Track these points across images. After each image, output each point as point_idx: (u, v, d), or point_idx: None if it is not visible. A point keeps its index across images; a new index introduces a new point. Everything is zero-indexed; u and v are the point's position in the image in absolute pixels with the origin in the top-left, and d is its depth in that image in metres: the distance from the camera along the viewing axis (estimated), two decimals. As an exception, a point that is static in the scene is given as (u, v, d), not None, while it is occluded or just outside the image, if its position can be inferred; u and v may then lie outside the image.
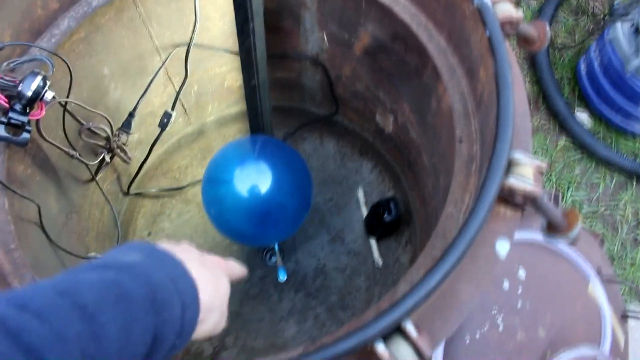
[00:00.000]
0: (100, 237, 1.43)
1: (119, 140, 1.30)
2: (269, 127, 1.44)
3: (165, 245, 0.62)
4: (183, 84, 1.36)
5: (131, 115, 1.34)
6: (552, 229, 0.86)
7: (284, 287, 1.60)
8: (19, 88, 0.94)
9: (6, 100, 0.95)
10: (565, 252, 1.36)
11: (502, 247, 0.81)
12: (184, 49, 1.34)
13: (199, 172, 1.72)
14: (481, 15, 0.87)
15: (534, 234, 1.35)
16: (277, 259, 1.61)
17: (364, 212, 1.64)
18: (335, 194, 1.68)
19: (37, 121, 1.03)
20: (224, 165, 1.33)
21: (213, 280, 0.62)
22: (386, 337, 0.69)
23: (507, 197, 0.79)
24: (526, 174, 0.78)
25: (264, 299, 1.58)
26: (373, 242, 1.59)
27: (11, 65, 0.99)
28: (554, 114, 2.08)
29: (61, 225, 1.22)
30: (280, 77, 1.54)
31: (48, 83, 0.97)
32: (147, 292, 0.48)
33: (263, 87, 1.35)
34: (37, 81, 0.95)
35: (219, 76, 1.52)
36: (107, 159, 1.30)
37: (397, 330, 0.70)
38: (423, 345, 0.68)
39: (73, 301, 0.43)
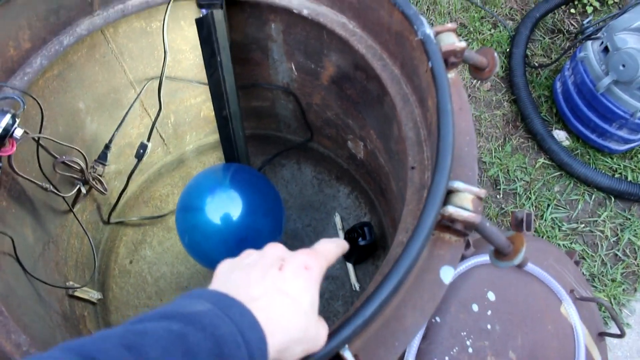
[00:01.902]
0: (79, 266, 1.47)
1: (94, 172, 1.34)
2: (244, 155, 1.47)
3: (238, 274, 0.60)
4: (157, 115, 1.40)
5: (107, 147, 1.38)
6: (498, 254, 0.89)
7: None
8: (-11, 126, 0.98)
9: (-24, 138, 1.00)
10: (536, 272, 1.38)
11: (446, 274, 0.83)
12: (157, 81, 1.38)
13: (180, 200, 1.76)
14: (424, 46, 0.91)
15: (476, 257, 1.37)
16: (257, 283, 1.63)
17: (341, 237, 1.67)
18: (313, 219, 1.72)
19: (9, 156, 1.07)
20: (195, 193, 1.37)
21: (291, 308, 0.58)
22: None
23: (449, 225, 0.82)
24: (465, 201, 0.81)
25: (244, 323, 1.60)
26: (350, 267, 1.62)
27: (-20, 103, 1.04)
28: (532, 133, 2.11)
29: (37, 255, 1.25)
30: (255, 105, 1.58)
31: (17, 121, 1.01)
32: (212, 346, 0.47)
33: (235, 117, 1.39)
34: (6, 119, 0.99)
35: (195, 107, 1.57)
36: (83, 190, 1.34)
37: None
38: (362, 372, 0.70)
39: (139, 356, 0.43)
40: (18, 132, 1.01)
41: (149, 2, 1.20)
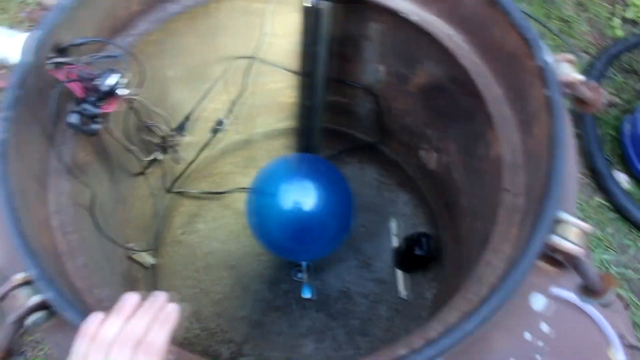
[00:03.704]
0: (139, 230, 1.49)
1: (172, 141, 1.36)
2: (318, 146, 1.48)
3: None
4: (241, 94, 1.41)
5: (187, 118, 1.39)
6: (587, 290, 0.88)
7: (306, 304, 1.63)
8: (96, 82, 0.99)
9: (82, 92, 1.01)
10: (589, 311, 1.37)
11: (537, 301, 0.83)
12: (245, 61, 1.39)
13: (240, 180, 1.76)
14: (543, 73, 0.90)
15: (561, 291, 1.36)
16: (304, 275, 1.64)
17: (394, 242, 1.66)
18: (368, 221, 1.72)
19: (107, 114, 1.09)
20: (273, 177, 1.38)
21: None
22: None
23: (549, 254, 0.82)
24: (570, 234, 0.80)
25: (286, 312, 1.62)
26: (400, 274, 1.61)
27: (91, 59, 1.05)
28: (592, 170, 2.08)
29: (108, 213, 1.27)
30: (332, 100, 1.58)
31: (124, 80, 1.02)
32: None
33: (317, 109, 1.39)
34: (114, 78, 1.01)
35: (273, 92, 1.57)
36: (160, 157, 1.35)
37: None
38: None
39: None
40: (123, 91, 1.02)
41: (258, -17, 1.21)
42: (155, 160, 1.37)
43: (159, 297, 0.70)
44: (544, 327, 1.35)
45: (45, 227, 0.95)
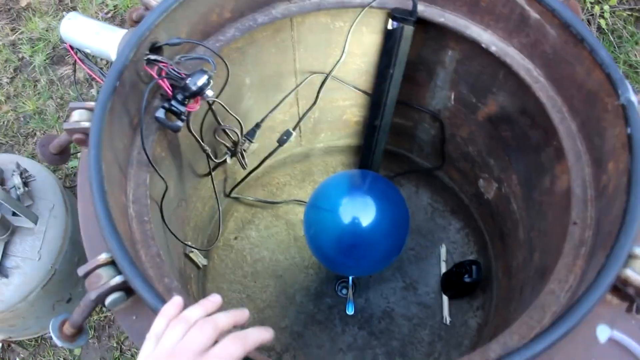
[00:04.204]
0: (197, 229, 1.53)
1: (242, 146, 1.40)
2: (377, 166, 1.51)
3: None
4: (310, 108, 1.45)
5: (257, 125, 1.43)
6: (652, 329, 0.88)
7: (349, 321, 1.64)
8: (187, 81, 1.04)
9: (171, 89, 1.06)
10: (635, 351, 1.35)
11: (603, 333, 0.83)
12: (318, 76, 1.43)
13: (295, 192, 1.80)
14: (625, 112, 0.91)
15: (624, 336, 1.34)
16: (348, 292, 1.66)
17: (443, 268, 1.67)
18: (418, 245, 1.73)
19: (190, 113, 1.14)
20: (332, 190, 1.41)
21: None
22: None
23: (619, 287, 0.82)
24: (642, 269, 0.81)
25: (328, 327, 1.63)
26: (445, 299, 1.62)
27: (181, 59, 1.10)
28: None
29: (172, 209, 1.31)
30: (397, 122, 1.61)
31: (211, 83, 1.07)
32: None
33: (383, 130, 1.42)
34: (204, 79, 1.05)
35: (340, 109, 1.61)
36: (229, 160, 1.40)
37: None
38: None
39: None
40: (209, 93, 1.07)
41: (344, 2, 1.25)
42: (224, 162, 1.41)
43: (240, 312, 0.72)
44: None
45: (124, 215, 0.99)
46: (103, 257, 0.84)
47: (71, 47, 1.16)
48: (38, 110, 2.16)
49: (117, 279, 0.82)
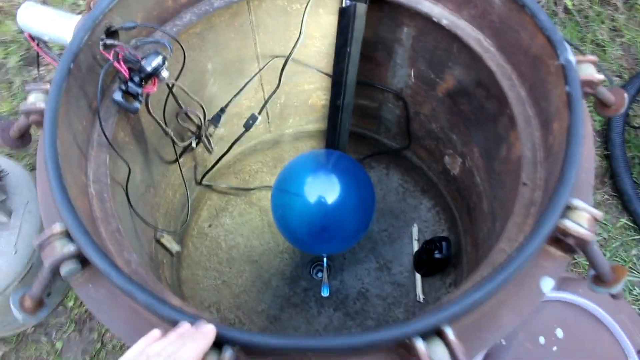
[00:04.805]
0: (168, 216, 1.54)
1: (207, 130, 1.42)
2: (344, 147, 1.53)
3: None
4: (274, 92, 1.47)
5: (222, 110, 1.46)
6: (597, 279, 0.90)
7: (324, 303, 1.66)
8: (142, 63, 1.06)
9: (127, 71, 1.08)
10: (607, 323, 1.37)
11: (546, 284, 0.86)
12: (281, 60, 1.45)
13: (267, 179, 1.82)
14: (564, 72, 0.94)
15: (580, 298, 1.37)
16: (323, 274, 1.68)
17: (415, 247, 1.69)
18: (390, 226, 1.75)
19: (147, 95, 1.16)
20: (298, 173, 1.43)
21: None
22: (426, 337, 0.75)
23: (560, 238, 0.84)
24: (581, 219, 0.83)
25: (304, 309, 1.65)
26: (418, 277, 1.64)
27: (138, 43, 1.13)
28: (619, 192, 2.08)
29: (139, 195, 1.33)
30: (362, 104, 1.63)
31: (166, 64, 1.09)
32: None
33: (346, 109, 1.44)
34: (158, 60, 1.07)
35: (306, 93, 1.63)
36: (194, 144, 1.42)
37: (438, 334, 0.76)
38: (459, 349, 0.73)
39: None
40: (164, 74, 1.09)
41: (298, -17, 1.28)
42: (189, 147, 1.43)
43: (203, 324, 0.74)
44: (559, 333, 1.37)
45: (84, 194, 1.01)
46: (57, 227, 0.85)
47: (30, 36, 1.18)
48: (13, 111, 2.18)
49: (70, 248, 0.84)
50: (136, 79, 1.08)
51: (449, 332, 0.75)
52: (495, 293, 0.77)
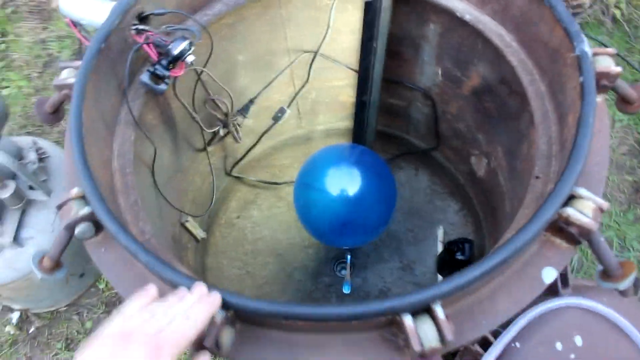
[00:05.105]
0: (195, 203, 1.59)
1: (235, 119, 1.46)
2: (370, 143, 1.54)
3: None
4: (303, 86, 1.51)
5: (251, 101, 1.50)
6: (605, 275, 0.88)
7: (345, 300, 1.67)
8: (169, 47, 1.11)
9: (157, 55, 1.14)
10: (632, 335, 1.33)
11: (548, 275, 0.84)
12: (311, 55, 1.49)
13: (297, 174, 1.85)
14: (579, 62, 0.93)
15: (603, 307, 1.33)
16: (346, 272, 1.69)
17: (439, 249, 1.68)
18: (416, 227, 1.75)
19: (175, 78, 1.21)
20: (319, 167, 1.45)
21: None
22: (416, 315, 0.75)
23: (564, 228, 0.83)
24: (586, 208, 0.82)
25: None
26: (440, 279, 1.63)
27: (168, 29, 1.18)
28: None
29: (167, 178, 1.38)
30: (392, 103, 1.65)
31: (192, 48, 1.14)
32: None
33: (372, 105, 1.46)
34: (184, 44, 1.12)
35: (336, 89, 1.66)
36: (222, 132, 1.46)
37: (428, 312, 0.76)
38: (447, 329, 0.73)
39: None
40: (190, 58, 1.14)
41: (327, -22, 1.31)
42: (217, 135, 1.47)
43: (204, 289, 0.76)
44: (578, 340, 1.34)
45: (107, 167, 1.07)
46: (75, 191, 0.91)
47: (71, 21, 1.26)
48: (63, 101, 2.31)
49: (85, 210, 0.88)
50: (164, 62, 1.13)
51: (439, 311, 0.75)
52: (488, 275, 0.76)
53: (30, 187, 1.63)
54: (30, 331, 1.87)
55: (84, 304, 1.92)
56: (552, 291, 1.36)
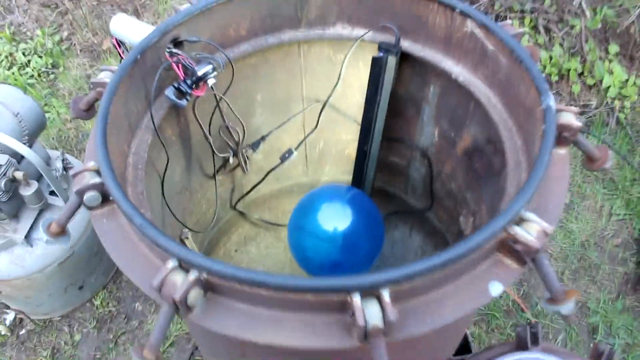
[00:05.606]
0: (197, 225, 1.70)
1: (245, 151, 1.61)
2: (369, 191, 1.66)
3: None
4: (311, 132, 1.65)
5: (263, 138, 1.65)
6: (550, 299, 0.96)
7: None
8: (195, 68, 1.28)
9: (183, 74, 1.30)
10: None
11: (495, 288, 0.92)
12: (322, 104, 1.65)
13: (298, 220, 1.96)
14: (544, 114, 1.06)
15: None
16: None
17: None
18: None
19: (196, 98, 1.36)
20: (313, 210, 1.58)
21: None
22: (365, 296, 0.84)
23: (512, 246, 0.92)
24: (532, 229, 0.91)
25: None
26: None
27: (197, 56, 1.35)
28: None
29: (175, 192, 1.50)
30: (392, 161, 1.77)
31: (215, 73, 1.31)
32: None
33: (372, 156, 1.59)
34: (208, 68, 1.29)
35: (343, 143, 1.80)
36: (231, 160, 1.60)
37: (377, 298, 0.85)
38: (390, 311, 0.81)
39: None
40: (211, 81, 1.30)
41: (342, 35, 1.48)
42: (227, 162, 1.61)
43: None
44: None
45: (123, 160, 1.20)
46: (90, 164, 1.04)
47: (116, 40, 1.45)
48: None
49: (96, 179, 1.01)
50: (188, 81, 1.30)
51: (385, 294, 0.84)
52: (431, 272, 0.85)
53: (51, 193, 1.77)
54: (21, 334, 1.95)
55: (77, 317, 2.00)
56: (521, 346, 1.41)
